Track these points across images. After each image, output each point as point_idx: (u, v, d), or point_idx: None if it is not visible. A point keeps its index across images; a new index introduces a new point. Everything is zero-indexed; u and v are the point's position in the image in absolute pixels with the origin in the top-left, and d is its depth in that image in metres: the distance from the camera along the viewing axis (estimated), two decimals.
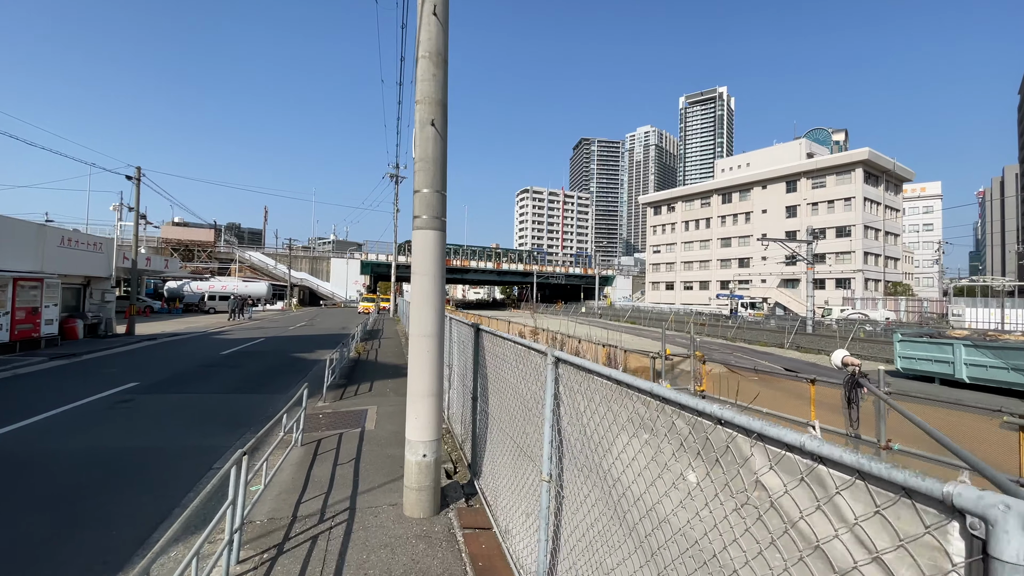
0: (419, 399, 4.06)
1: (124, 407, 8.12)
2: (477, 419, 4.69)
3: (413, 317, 4.16)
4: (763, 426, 1.23)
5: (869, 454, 1.10)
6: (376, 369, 12.30)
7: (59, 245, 17.37)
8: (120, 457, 5.69)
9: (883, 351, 22.28)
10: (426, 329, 4.08)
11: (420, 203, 4.09)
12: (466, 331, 5.17)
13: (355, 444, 6.01)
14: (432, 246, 4.09)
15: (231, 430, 6.87)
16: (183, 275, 51.84)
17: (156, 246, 62.32)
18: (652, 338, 25.70)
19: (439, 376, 4.16)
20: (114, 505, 4.46)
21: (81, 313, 19.49)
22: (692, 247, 77.37)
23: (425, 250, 4.09)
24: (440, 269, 4.15)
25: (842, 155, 59.12)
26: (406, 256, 69.54)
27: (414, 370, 4.10)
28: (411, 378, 4.13)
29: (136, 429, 6.86)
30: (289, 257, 60.93)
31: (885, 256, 61.41)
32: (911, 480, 0.87)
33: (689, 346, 9.50)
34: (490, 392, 4.39)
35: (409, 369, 4.16)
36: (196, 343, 18.19)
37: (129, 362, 13.27)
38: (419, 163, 4.08)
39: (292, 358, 14.49)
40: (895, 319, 35.22)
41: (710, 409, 1.44)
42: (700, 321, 37.90)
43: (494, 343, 4.31)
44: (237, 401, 8.73)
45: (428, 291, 4.08)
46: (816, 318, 33.25)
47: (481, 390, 4.64)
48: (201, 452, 5.94)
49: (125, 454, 5.80)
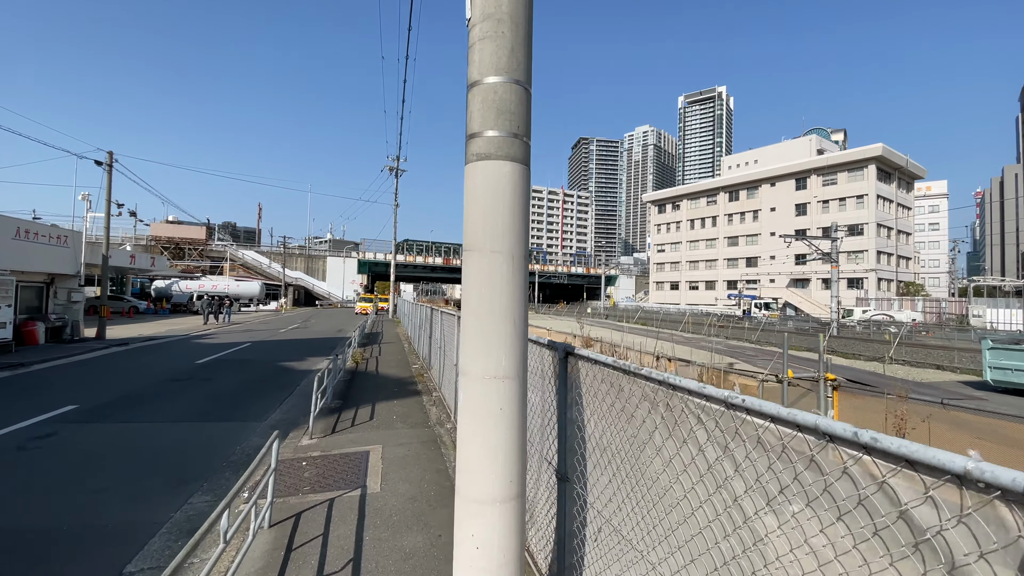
0: (485, 508, 1.98)
1: (39, 445, 6.02)
2: (572, 521, 2.63)
3: (468, 337, 2.09)
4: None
5: None
6: (378, 385, 10.21)
7: (13, 237, 15.19)
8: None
9: (930, 356, 20.34)
10: (498, 365, 2.00)
11: (481, 105, 2.03)
12: (543, 358, 3.12)
13: (352, 525, 3.92)
14: (509, 192, 2.03)
15: (172, 489, 4.78)
16: (172, 274, 49.56)
17: (146, 244, 60.06)
18: (677, 342, 23.67)
19: (522, 460, 2.09)
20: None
21: (43, 315, 17.30)
22: (698, 246, 75.49)
23: (497, 200, 2.02)
24: (523, 241, 2.09)
25: (855, 151, 57.36)
26: (405, 255, 67.34)
27: (471, 446, 2.03)
28: (466, 464, 2.05)
29: (33, 488, 4.76)
30: (283, 255, 58.76)
31: (898, 255, 59.72)
32: None
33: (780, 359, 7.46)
34: (594, 465, 2.38)
35: (461, 446, 2.09)
36: (172, 349, 16.04)
37: (83, 375, 11.13)
38: (481, 26, 2.03)
39: (278, 368, 12.38)
40: (922, 320, 33.32)
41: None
42: (717, 323, 35.95)
43: (604, 379, 2.30)
44: (195, 435, 6.63)
45: (500, 285, 2.02)
46: (839, 320, 31.29)
47: (577, 463, 2.60)
48: (113, 537, 3.86)
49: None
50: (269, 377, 11.10)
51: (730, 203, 71.10)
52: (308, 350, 16.11)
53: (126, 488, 4.80)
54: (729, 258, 70.62)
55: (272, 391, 9.51)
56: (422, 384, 10.16)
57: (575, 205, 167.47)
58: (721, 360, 17.20)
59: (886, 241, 57.92)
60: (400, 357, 14.58)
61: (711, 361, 12.02)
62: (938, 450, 0.97)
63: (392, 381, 10.60)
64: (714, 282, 72.04)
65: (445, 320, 8.33)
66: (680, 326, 35.34)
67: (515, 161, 2.03)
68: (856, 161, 57.13)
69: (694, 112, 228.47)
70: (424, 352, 12.83)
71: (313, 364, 12.96)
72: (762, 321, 40.37)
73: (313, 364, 12.96)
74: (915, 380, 13.64)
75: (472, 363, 2.05)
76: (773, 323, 39.80)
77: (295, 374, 11.55)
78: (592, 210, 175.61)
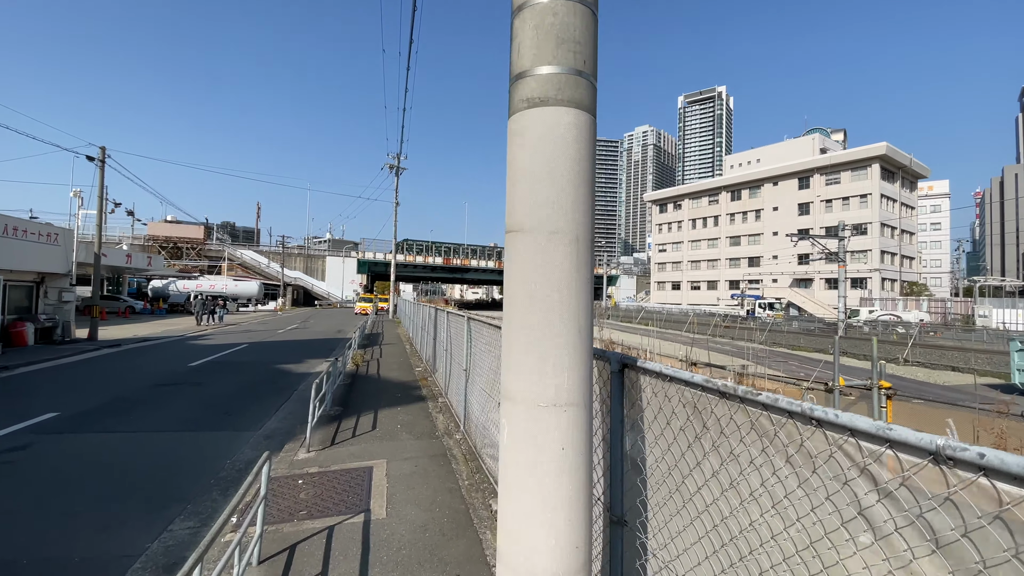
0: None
1: (10, 459, 5.47)
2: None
3: (514, 349, 1.54)
4: None
5: None
6: (379, 390, 9.66)
7: (1, 235, 14.63)
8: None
9: (944, 358, 19.82)
10: (559, 387, 1.45)
11: (534, 33, 1.50)
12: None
13: (355, 561, 3.36)
14: (572, 151, 1.49)
15: (151, 513, 4.24)
16: (169, 273, 48.99)
17: (144, 243, 59.51)
18: (686, 344, 23.17)
19: (588, 520, 1.55)
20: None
21: (33, 315, 16.73)
22: (700, 246, 74.98)
23: (556, 162, 1.48)
24: (589, 218, 1.55)
25: (858, 150, 56.88)
26: (405, 255, 66.75)
27: (519, 502, 1.47)
28: (512, 525, 1.50)
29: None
30: (282, 255, 58.16)
31: (901, 255, 59.26)
32: None
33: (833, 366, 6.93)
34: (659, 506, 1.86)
35: (505, 499, 1.53)
36: (166, 350, 15.48)
37: (69, 378, 10.57)
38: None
39: (275, 371, 11.84)
40: (929, 320, 32.81)
41: None
42: (722, 323, 35.46)
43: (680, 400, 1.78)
44: (183, 446, 6.09)
45: (561, 279, 1.48)
46: (846, 320, 30.75)
47: (640, 505, 2.07)
48: (76, 575, 3.32)
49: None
50: (265, 380, 10.55)
51: (732, 202, 70.60)
52: (306, 352, 15.56)
53: (100, 512, 4.26)
54: (731, 258, 70.12)
55: (268, 396, 8.96)
56: (426, 389, 9.62)
57: None
58: (732, 361, 16.70)
59: (890, 241, 57.47)
60: (402, 359, 14.04)
61: (733, 364, 11.47)
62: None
63: (395, 385, 10.06)
64: (716, 282, 71.54)
65: (452, 321, 7.78)
66: (685, 326, 34.84)
67: (580, 109, 1.50)
68: (860, 160, 56.65)
69: (694, 112, 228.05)
70: (428, 354, 12.29)
71: (312, 366, 12.43)
72: (767, 322, 39.89)
73: (312, 366, 12.43)
74: (938, 383, 13.12)
75: (519, 385, 1.51)
76: (778, 324, 39.31)
77: (293, 377, 11.01)
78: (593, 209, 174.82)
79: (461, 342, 6.49)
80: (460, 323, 6.67)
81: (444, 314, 8.98)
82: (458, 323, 6.95)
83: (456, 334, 7.22)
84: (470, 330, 5.95)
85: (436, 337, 10.29)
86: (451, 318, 7.89)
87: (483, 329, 5.17)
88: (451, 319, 7.88)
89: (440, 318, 9.47)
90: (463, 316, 6.41)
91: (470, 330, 5.95)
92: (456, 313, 7.40)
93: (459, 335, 6.78)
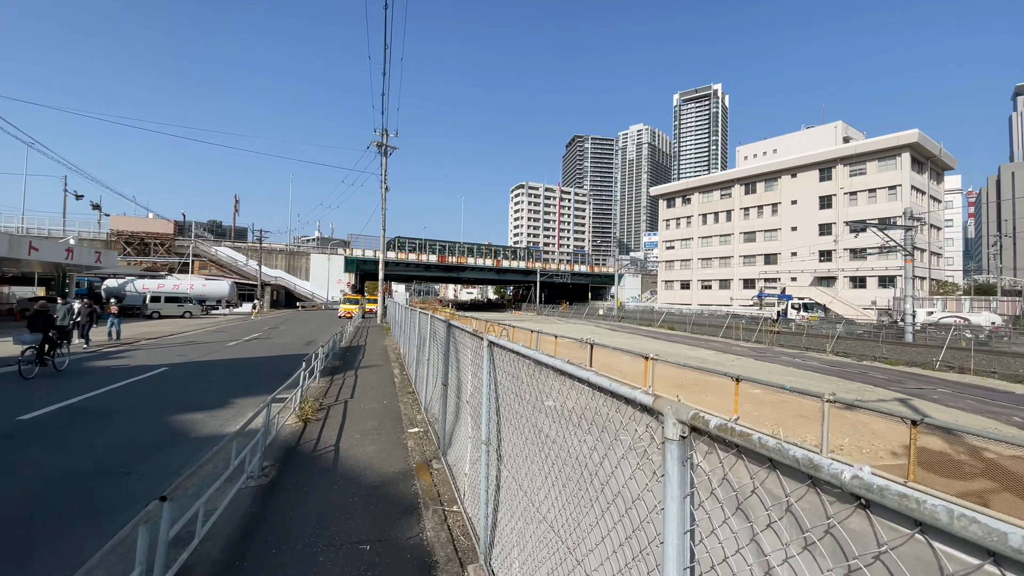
0: None
1: None
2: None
3: None
4: None
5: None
6: (326, 511, 4.67)
7: None
8: None
9: None
10: None
11: None
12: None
13: None
14: None
15: None
16: (127, 272, 43.38)
17: (106, 240, 53.77)
18: (716, 350, 18.27)
19: None
20: None
21: None
22: (711, 242, 70.58)
23: None
24: None
25: (887, 137, 52.64)
26: (396, 252, 61.54)
27: None
28: None
29: None
30: (259, 251, 52.70)
31: (930, 252, 55.16)
32: None
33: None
34: None
35: None
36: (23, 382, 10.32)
37: None
38: None
39: (162, 430, 6.82)
40: (1001, 324, 28.41)
41: None
42: (766, 328, 30.75)
43: None
44: None
45: None
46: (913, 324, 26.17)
47: None
48: None
49: None
50: (131, 456, 5.53)
51: (746, 196, 66.29)
52: (245, 381, 10.52)
53: None
54: (746, 255, 65.76)
55: (112, 500, 3.96)
56: (430, 495, 4.64)
57: (572, 203, 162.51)
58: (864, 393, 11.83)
59: (919, 236, 53.31)
60: (387, 403, 8.97)
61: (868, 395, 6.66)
62: None
63: (364, 489, 5.01)
64: (729, 281, 67.18)
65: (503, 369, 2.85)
66: (721, 331, 30.14)
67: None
68: (888, 149, 52.43)
69: (689, 110, 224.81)
70: (428, 397, 7.23)
71: (229, 419, 7.42)
72: (804, 325, 35.27)
73: (229, 419, 7.42)
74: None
75: None
76: (814, 326, 34.75)
77: (191, 442, 6.02)
78: (590, 208, 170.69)
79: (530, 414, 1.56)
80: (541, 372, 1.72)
81: (463, 334, 4.07)
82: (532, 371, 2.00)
83: (515, 401, 2.26)
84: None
85: (449, 377, 5.29)
86: (503, 357, 2.93)
87: None
88: (502, 361, 2.93)
89: (462, 348, 4.45)
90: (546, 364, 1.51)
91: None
92: (514, 351, 2.46)
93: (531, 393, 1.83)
